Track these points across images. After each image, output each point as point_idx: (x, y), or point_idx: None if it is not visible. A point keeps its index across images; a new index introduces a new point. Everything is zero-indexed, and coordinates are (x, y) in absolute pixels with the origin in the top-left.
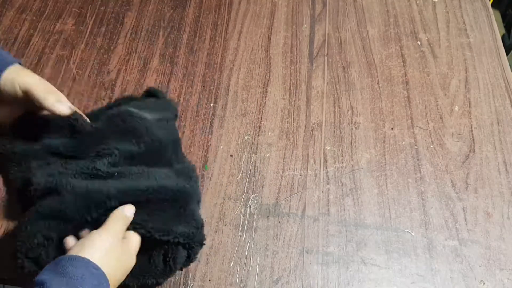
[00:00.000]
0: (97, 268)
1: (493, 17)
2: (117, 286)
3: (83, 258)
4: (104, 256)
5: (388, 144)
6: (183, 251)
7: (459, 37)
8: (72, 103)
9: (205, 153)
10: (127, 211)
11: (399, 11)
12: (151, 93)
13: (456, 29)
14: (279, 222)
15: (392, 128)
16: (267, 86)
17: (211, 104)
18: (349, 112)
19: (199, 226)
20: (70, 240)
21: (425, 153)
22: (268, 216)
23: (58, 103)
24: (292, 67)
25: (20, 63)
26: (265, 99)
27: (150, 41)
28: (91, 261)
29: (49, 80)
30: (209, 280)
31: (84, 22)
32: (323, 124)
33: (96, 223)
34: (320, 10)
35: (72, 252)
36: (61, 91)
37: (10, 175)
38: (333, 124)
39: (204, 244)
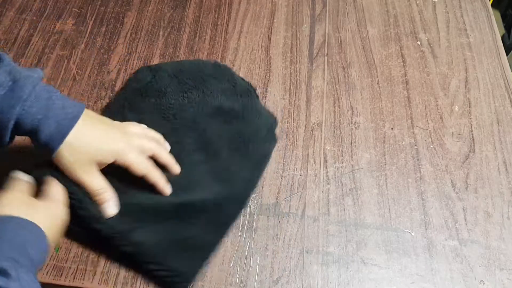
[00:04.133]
0: (34, 225)
1: (493, 17)
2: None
3: (19, 217)
4: (42, 220)
5: (388, 144)
6: None
7: (459, 37)
8: None
9: None
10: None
11: (399, 11)
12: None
13: (456, 29)
14: (279, 222)
15: (392, 128)
16: (267, 86)
17: None
18: (349, 112)
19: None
20: None
21: (425, 153)
22: (268, 216)
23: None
24: (292, 67)
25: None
26: (265, 99)
27: (150, 41)
28: (28, 220)
29: (49, 80)
30: (209, 280)
31: (84, 22)
32: (323, 124)
33: None
34: (320, 10)
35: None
36: (61, 91)
37: None
38: (333, 124)
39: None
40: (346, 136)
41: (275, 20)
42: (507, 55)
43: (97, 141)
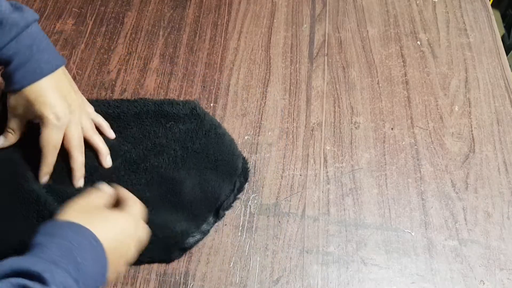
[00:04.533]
0: (97, 240)
1: (493, 17)
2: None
3: (84, 227)
4: (111, 237)
5: (388, 144)
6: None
7: (459, 37)
8: None
9: None
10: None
11: (399, 11)
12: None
13: (456, 29)
14: (279, 222)
15: (392, 128)
16: (267, 86)
17: (211, 104)
18: (349, 112)
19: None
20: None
21: (425, 153)
22: (268, 216)
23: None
24: (292, 67)
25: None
26: (265, 99)
27: (150, 41)
28: (92, 233)
29: None
30: (209, 280)
31: (84, 22)
32: (323, 124)
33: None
34: (320, 10)
35: (76, 220)
36: None
37: None
38: (333, 124)
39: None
40: (346, 136)
41: (275, 20)
42: (507, 55)
43: (40, 104)
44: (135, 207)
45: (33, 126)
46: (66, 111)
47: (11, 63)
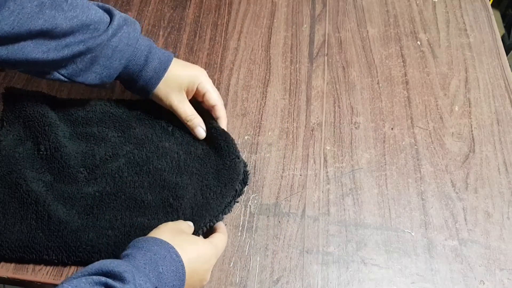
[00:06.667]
0: (178, 256)
1: (493, 17)
2: None
3: (169, 243)
4: (192, 258)
5: (388, 144)
6: None
7: (459, 37)
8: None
9: None
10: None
11: (399, 11)
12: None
13: (456, 29)
14: (279, 222)
15: (392, 128)
16: (267, 86)
17: None
18: (349, 112)
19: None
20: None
21: (425, 153)
22: (268, 216)
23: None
24: (292, 67)
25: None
26: (265, 99)
27: None
28: (175, 248)
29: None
30: (209, 280)
31: None
32: (323, 124)
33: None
34: (320, 10)
35: (162, 238)
36: (61, 91)
37: None
38: (333, 124)
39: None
40: (346, 136)
41: (275, 20)
42: (507, 55)
43: (184, 72)
44: (220, 241)
45: (32, 125)
46: (202, 71)
47: (147, 59)
